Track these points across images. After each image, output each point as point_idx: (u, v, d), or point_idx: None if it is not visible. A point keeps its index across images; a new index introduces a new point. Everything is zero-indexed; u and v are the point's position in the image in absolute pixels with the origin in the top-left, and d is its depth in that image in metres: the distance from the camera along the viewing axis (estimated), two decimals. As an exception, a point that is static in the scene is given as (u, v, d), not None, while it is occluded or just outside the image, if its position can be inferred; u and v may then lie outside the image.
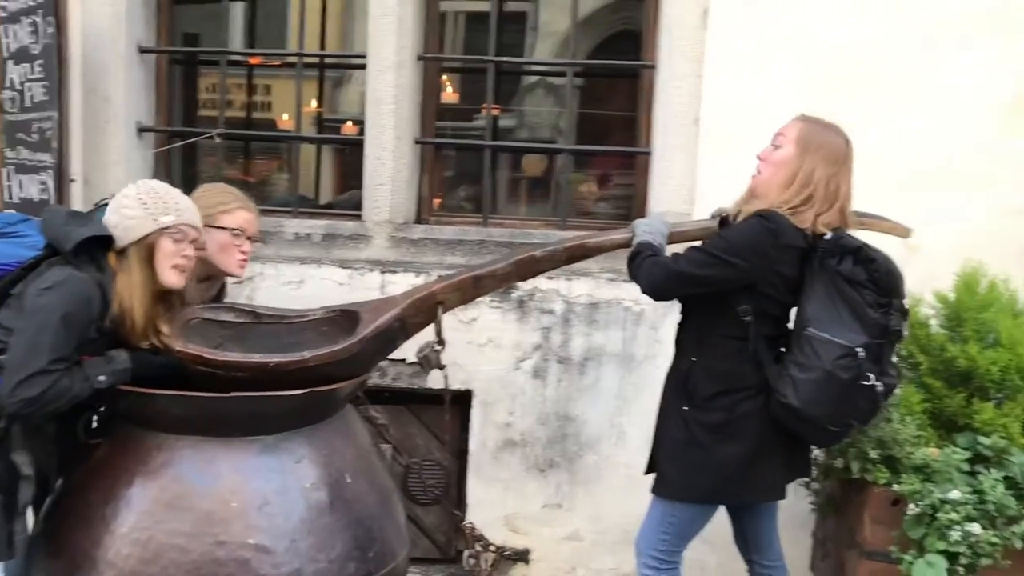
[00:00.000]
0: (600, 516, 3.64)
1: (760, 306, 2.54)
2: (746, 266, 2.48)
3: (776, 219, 2.48)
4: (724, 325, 2.56)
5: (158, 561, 2.21)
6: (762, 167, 2.62)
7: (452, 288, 2.77)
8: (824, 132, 2.59)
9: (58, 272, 2.28)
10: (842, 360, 2.41)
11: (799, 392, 2.44)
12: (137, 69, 3.92)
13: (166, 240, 2.38)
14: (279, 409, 2.38)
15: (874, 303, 2.47)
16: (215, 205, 2.74)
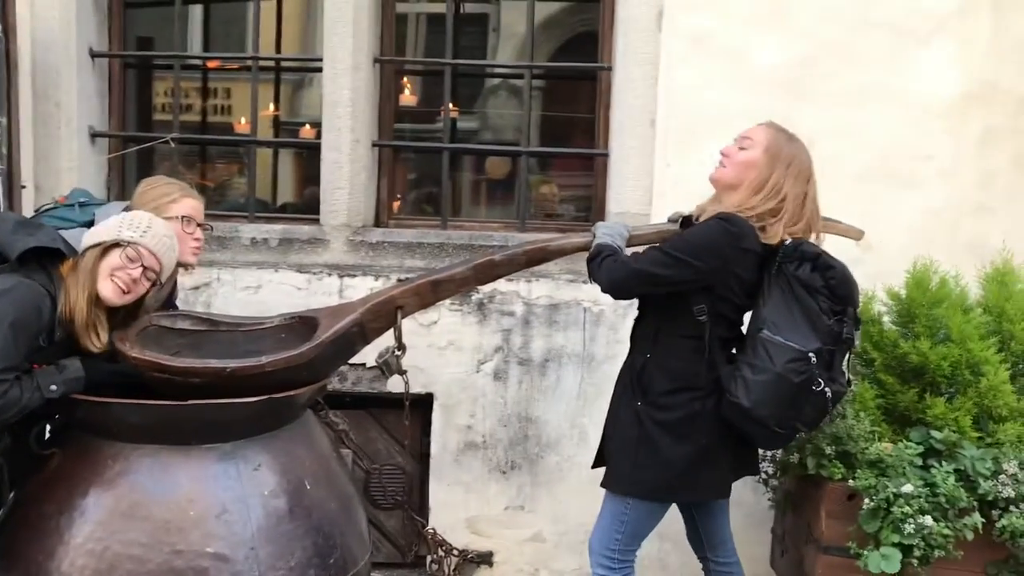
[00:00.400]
0: (562, 517, 3.66)
1: (716, 308, 2.57)
2: (704, 267, 2.51)
3: (737, 222, 2.51)
4: (680, 324, 2.59)
5: (114, 572, 2.18)
6: (726, 163, 2.64)
7: (411, 293, 2.77)
8: (791, 145, 2.63)
9: (5, 280, 2.25)
10: (793, 364, 2.45)
11: (750, 393, 2.47)
12: (89, 74, 3.87)
13: (117, 252, 2.36)
14: (237, 416, 2.37)
15: (828, 310, 2.51)
16: (160, 197, 2.73)
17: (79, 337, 2.34)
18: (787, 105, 3.47)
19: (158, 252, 2.41)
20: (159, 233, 2.44)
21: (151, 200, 2.68)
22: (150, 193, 2.74)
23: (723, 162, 2.65)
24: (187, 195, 2.80)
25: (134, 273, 2.37)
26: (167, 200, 2.73)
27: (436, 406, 3.68)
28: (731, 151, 2.64)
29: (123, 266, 2.35)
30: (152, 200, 2.69)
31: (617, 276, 2.57)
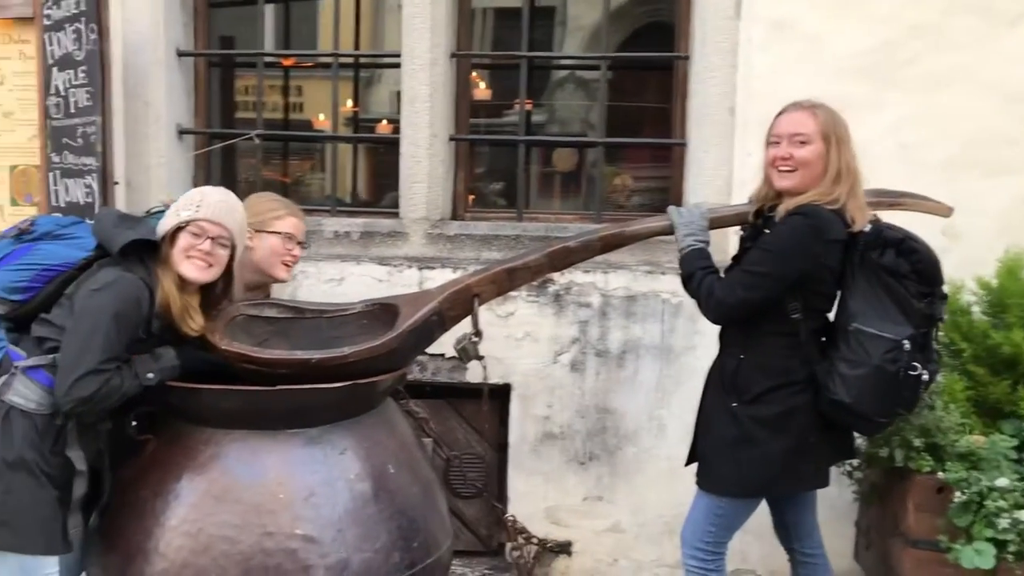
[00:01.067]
0: (641, 508, 3.65)
1: (809, 302, 2.53)
2: (795, 273, 2.48)
3: (817, 215, 2.46)
4: (773, 323, 2.55)
5: (208, 552, 2.26)
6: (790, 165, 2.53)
7: (487, 281, 2.79)
8: (835, 115, 2.56)
9: (108, 273, 2.34)
10: (889, 354, 2.41)
11: (849, 388, 2.43)
12: (176, 73, 3.99)
13: (184, 235, 2.43)
14: (322, 402, 2.42)
15: (917, 293, 2.47)
16: (266, 211, 2.84)
17: (177, 324, 2.42)
18: (870, 91, 3.42)
19: (217, 219, 2.46)
20: (212, 201, 2.49)
21: (257, 213, 2.79)
22: (258, 207, 2.85)
23: (785, 166, 2.55)
24: (292, 214, 2.92)
25: (204, 246, 2.43)
26: (272, 216, 2.85)
27: (514, 396, 3.70)
28: (789, 152, 2.53)
29: (192, 244, 2.43)
30: (258, 214, 2.80)
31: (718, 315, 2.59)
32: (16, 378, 2.30)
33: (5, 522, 2.25)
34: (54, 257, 2.45)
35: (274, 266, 2.87)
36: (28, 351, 2.35)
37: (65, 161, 3.57)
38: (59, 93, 3.56)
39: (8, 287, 2.39)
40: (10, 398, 2.28)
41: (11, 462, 2.25)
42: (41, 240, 2.48)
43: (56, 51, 3.56)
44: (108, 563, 2.40)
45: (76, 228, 2.54)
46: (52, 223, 2.55)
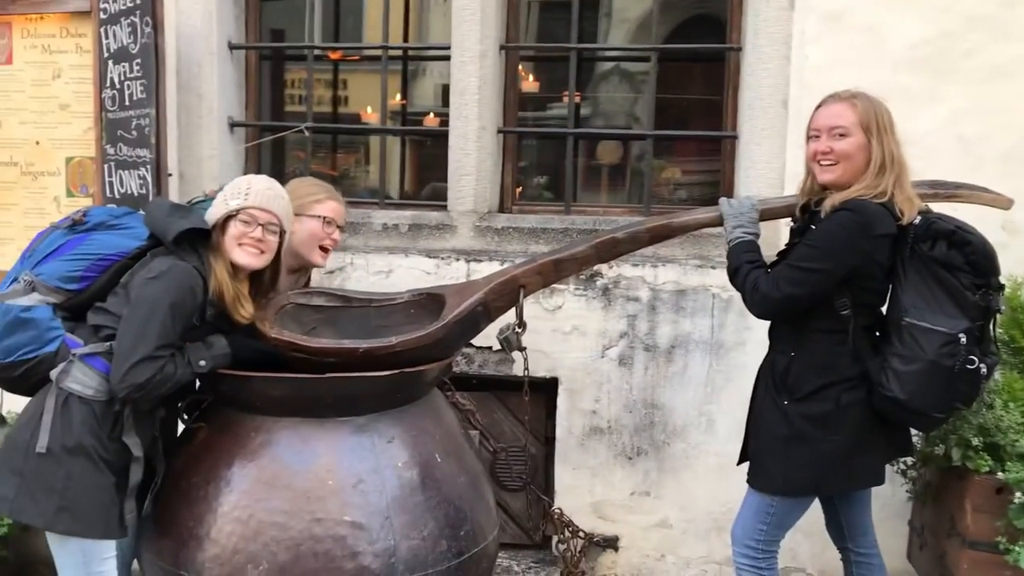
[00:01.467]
0: (689, 504, 3.61)
1: (859, 297, 2.48)
2: (842, 269, 2.43)
3: (864, 209, 2.41)
4: (822, 320, 2.51)
5: (259, 538, 2.28)
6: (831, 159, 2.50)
7: (533, 272, 2.79)
8: (879, 105, 2.50)
9: (163, 262, 2.37)
10: (945, 348, 2.35)
11: (903, 384, 2.38)
12: (228, 65, 4.03)
13: (234, 222, 2.47)
14: (370, 390, 2.44)
15: (972, 285, 2.39)
16: (306, 195, 2.84)
17: (229, 311, 2.45)
18: (927, 83, 3.36)
19: (267, 206, 2.49)
20: (260, 188, 2.52)
21: (298, 197, 2.79)
22: (298, 191, 2.85)
23: (826, 160, 2.51)
24: (332, 198, 2.92)
25: (255, 233, 2.47)
26: (312, 199, 2.85)
27: (561, 390, 3.68)
28: (829, 146, 2.49)
29: (243, 232, 2.46)
30: (299, 197, 2.80)
31: (764, 310, 2.56)
32: (74, 365, 2.33)
33: (66, 507, 2.28)
34: (108, 247, 2.49)
35: (312, 251, 2.87)
36: (84, 339, 2.39)
37: (120, 153, 3.62)
38: (114, 86, 3.62)
39: (63, 276, 2.42)
40: (68, 385, 2.32)
41: (71, 448, 2.29)
42: (95, 230, 2.51)
43: (112, 44, 3.61)
44: (161, 548, 2.43)
45: (129, 218, 2.57)
46: (105, 213, 2.58)
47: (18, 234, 3.83)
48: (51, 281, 2.41)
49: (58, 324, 2.39)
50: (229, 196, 2.49)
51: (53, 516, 2.28)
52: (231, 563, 2.29)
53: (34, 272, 2.41)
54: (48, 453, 2.28)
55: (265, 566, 2.27)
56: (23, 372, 2.36)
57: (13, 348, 2.34)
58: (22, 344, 2.34)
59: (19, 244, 3.18)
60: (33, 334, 2.34)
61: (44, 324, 2.36)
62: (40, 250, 2.48)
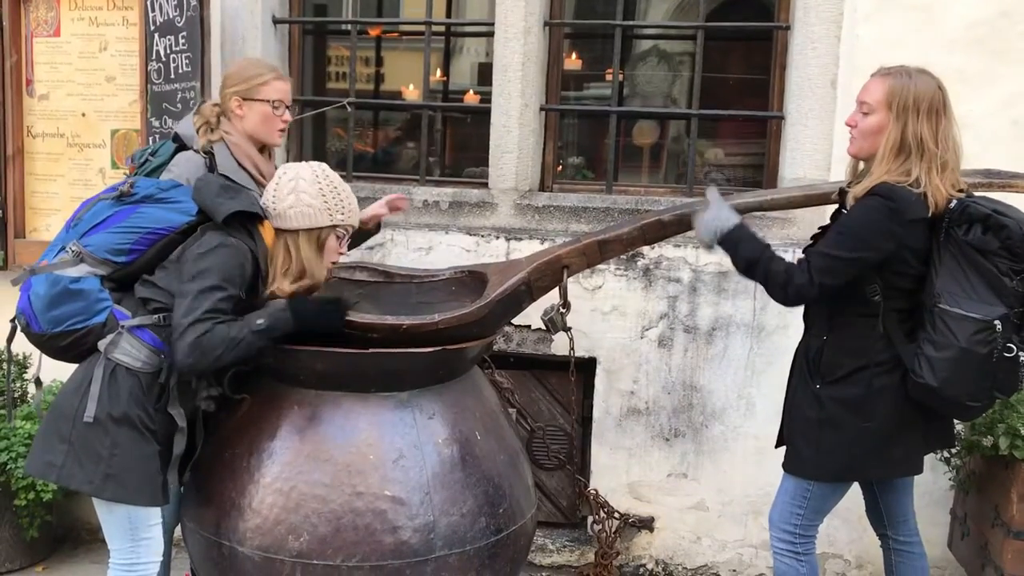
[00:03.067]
0: (726, 487, 3.59)
1: (890, 282, 2.43)
2: (876, 256, 2.38)
3: (895, 194, 2.35)
4: (852, 303, 2.47)
5: (300, 510, 2.30)
6: (855, 135, 2.47)
7: (578, 252, 2.77)
8: (913, 83, 2.40)
9: (213, 237, 2.38)
10: (979, 335, 2.29)
11: (936, 371, 2.33)
12: (272, 40, 4.03)
13: (334, 238, 2.49)
14: (413, 366, 2.44)
15: (1008, 271, 2.32)
16: (252, 78, 2.78)
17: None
18: (983, 64, 3.28)
19: (356, 222, 2.57)
20: (354, 204, 2.55)
21: (244, 80, 2.74)
22: (241, 73, 2.80)
23: (852, 134, 2.48)
24: (278, 77, 2.83)
25: (344, 247, 2.54)
26: (258, 82, 2.77)
27: (599, 370, 3.67)
28: (855, 120, 2.47)
29: (340, 247, 2.53)
30: (245, 80, 2.75)
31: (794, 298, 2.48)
32: (122, 337, 2.36)
33: (113, 475, 2.31)
34: (157, 221, 2.49)
35: (270, 134, 2.81)
36: (132, 311, 2.41)
37: (164, 125, 3.65)
38: (160, 59, 3.64)
39: (112, 249, 2.43)
40: (116, 356, 2.34)
41: (117, 418, 2.32)
42: (143, 203, 2.51)
43: (158, 17, 3.63)
44: (203, 516, 2.46)
45: (176, 192, 2.57)
46: (152, 186, 2.57)
47: (64, 205, 3.88)
48: (99, 253, 2.42)
49: (106, 295, 2.40)
50: (333, 208, 2.47)
51: (101, 483, 2.31)
52: (272, 533, 2.32)
53: (82, 243, 2.42)
54: (95, 422, 2.30)
55: (306, 537, 2.30)
56: (71, 342, 2.38)
57: (63, 318, 2.36)
58: (71, 314, 2.36)
59: (65, 215, 3.21)
60: (82, 305, 2.36)
61: (93, 295, 2.37)
62: (87, 220, 2.48)
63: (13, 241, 3.92)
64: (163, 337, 2.36)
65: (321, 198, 2.46)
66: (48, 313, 2.35)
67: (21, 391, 3.74)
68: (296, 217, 2.45)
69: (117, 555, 2.45)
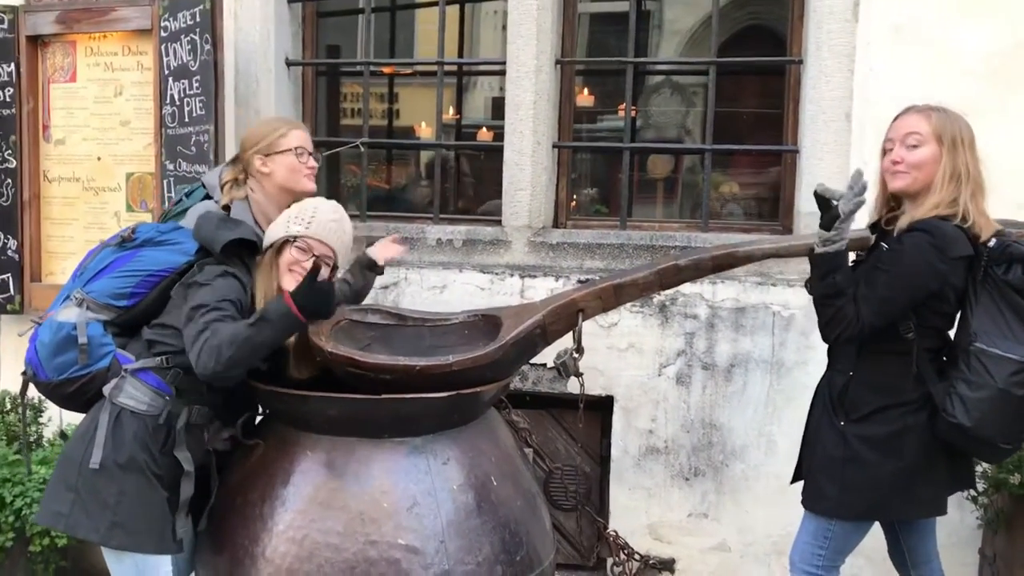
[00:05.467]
0: (748, 527, 3.53)
1: (926, 320, 2.40)
2: (923, 293, 2.35)
3: (940, 231, 2.33)
4: (883, 340, 2.42)
5: (313, 559, 2.25)
6: (903, 169, 2.44)
7: (593, 296, 2.73)
8: (954, 118, 2.44)
9: (212, 269, 2.38)
10: (1016, 376, 2.26)
11: (970, 411, 2.29)
12: (285, 81, 4.06)
13: (291, 248, 2.45)
14: (427, 411, 2.40)
15: None
16: (271, 134, 2.77)
17: None
18: (996, 97, 3.26)
19: (327, 239, 2.48)
20: (324, 220, 2.49)
21: (263, 137, 2.73)
22: (260, 132, 2.79)
23: (898, 169, 2.45)
24: (295, 127, 2.83)
25: (308, 264, 2.40)
26: (277, 136, 2.76)
27: (616, 408, 3.63)
28: (902, 155, 2.44)
29: (297, 260, 2.44)
30: (264, 137, 2.73)
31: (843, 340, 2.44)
32: (126, 381, 2.35)
33: (119, 523, 2.29)
34: (157, 263, 2.49)
35: (299, 181, 2.78)
36: (137, 354, 2.40)
37: (179, 169, 3.66)
38: (174, 102, 3.67)
39: (113, 293, 2.44)
40: (121, 400, 2.33)
41: (123, 464, 2.30)
42: (143, 247, 2.52)
43: (172, 62, 3.66)
44: (216, 564, 2.42)
45: (177, 234, 2.58)
46: (153, 230, 2.58)
47: (79, 248, 3.90)
48: (101, 298, 2.42)
49: (109, 340, 2.40)
50: (292, 220, 2.48)
51: (107, 531, 2.29)
52: (285, 583, 2.28)
53: (85, 290, 2.43)
54: (101, 468, 2.28)
55: (319, 587, 2.25)
56: (76, 389, 2.38)
57: (65, 365, 2.36)
58: (74, 361, 2.36)
59: (80, 258, 3.22)
60: (86, 351, 2.35)
61: (96, 341, 2.37)
62: (91, 268, 2.50)
63: (29, 285, 3.94)
64: (167, 379, 2.35)
65: (286, 215, 2.48)
66: (52, 361, 2.36)
67: (36, 435, 3.73)
68: (267, 239, 2.47)
69: None
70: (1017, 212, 2.60)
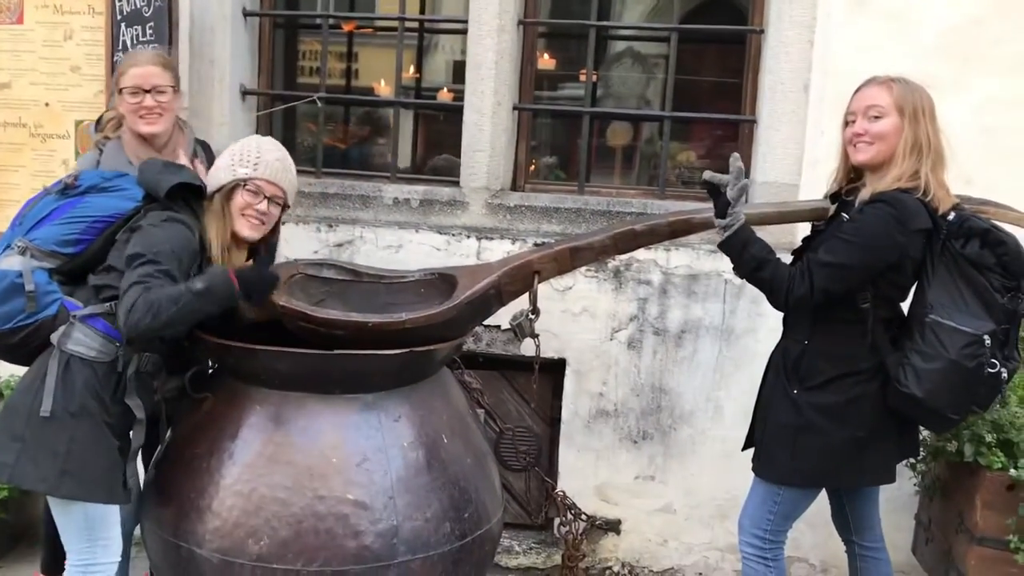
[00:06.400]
0: (694, 490, 3.59)
1: (881, 291, 2.43)
2: (882, 264, 2.38)
3: (900, 203, 2.35)
4: (838, 309, 2.45)
5: (260, 513, 2.26)
6: (866, 141, 2.45)
7: (549, 258, 2.74)
8: (918, 90, 2.44)
9: (157, 215, 2.36)
10: (968, 348, 2.29)
11: (922, 382, 2.33)
12: (241, 33, 3.97)
13: (241, 192, 2.44)
14: (379, 368, 2.40)
15: (1001, 287, 2.33)
16: (118, 71, 2.77)
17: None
18: (955, 71, 3.29)
19: (275, 179, 2.48)
20: (270, 160, 2.49)
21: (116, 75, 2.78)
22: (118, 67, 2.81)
23: (860, 141, 2.46)
24: (133, 64, 2.81)
25: (261, 206, 2.46)
26: (119, 73, 2.78)
27: (568, 372, 3.65)
28: (865, 127, 2.45)
29: (248, 203, 2.44)
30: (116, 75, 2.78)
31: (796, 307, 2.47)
32: (75, 327, 2.31)
33: (69, 471, 2.26)
34: (104, 209, 2.45)
35: (135, 123, 2.78)
36: (84, 301, 2.37)
37: (130, 117, 3.57)
38: (126, 49, 3.57)
39: (59, 240, 2.40)
40: (70, 347, 2.29)
41: (74, 411, 2.27)
42: (87, 194, 2.47)
43: (125, 7, 3.56)
44: (161, 517, 2.41)
45: (122, 180, 2.53)
46: (97, 176, 2.54)
47: (24, 196, 3.71)
48: (46, 246, 2.38)
49: (55, 288, 2.36)
50: (237, 163, 2.46)
51: (56, 480, 2.26)
52: (231, 536, 2.27)
53: (28, 237, 2.39)
54: (52, 417, 2.25)
55: (266, 541, 2.25)
56: (22, 338, 2.33)
57: (11, 314, 2.31)
58: (19, 309, 2.31)
59: (25, 207, 3.15)
60: (33, 299, 2.31)
61: (42, 288, 2.33)
62: (32, 215, 2.45)
63: (-28, 232, 3.83)
64: (116, 325, 2.30)
65: (230, 156, 2.47)
66: None
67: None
68: (211, 183, 2.46)
69: (74, 556, 2.39)
70: (966, 187, 2.63)
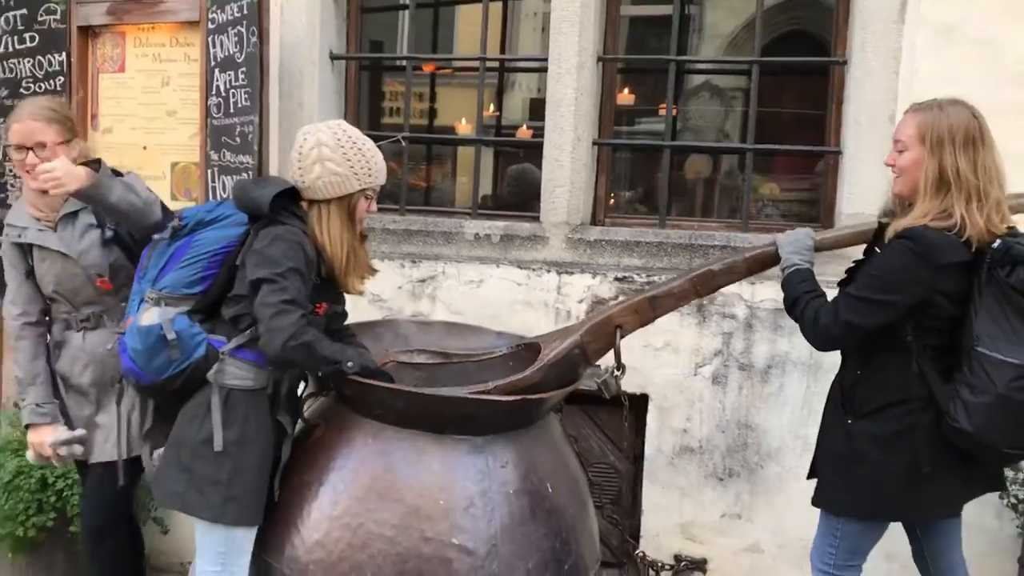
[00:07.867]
0: (782, 529, 3.53)
1: (923, 324, 2.39)
2: (904, 301, 2.35)
3: (923, 239, 2.31)
4: (886, 340, 2.43)
5: (366, 549, 2.28)
6: (895, 175, 2.46)
7: (629, 311, 2.74)
8: (945, 115, 2.37)
9: (267, 232, 2.38)
10: (1017, 382, 2.24)
11: (972, 416, 2.28)
12: (329, 75, 4.08)
13: (363, 200, 2.51)
14: (491, 412, 2.42)
15: None
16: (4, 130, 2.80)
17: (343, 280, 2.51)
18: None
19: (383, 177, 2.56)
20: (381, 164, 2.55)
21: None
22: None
23: (893, 173, 2.47)
24: (13, 119, 2.80)
25: (373, 207, 2.56)
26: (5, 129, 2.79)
27: (651, 407, 3.64)
28: (893, 159, 2.45)
29: (369, 207, 2.54)
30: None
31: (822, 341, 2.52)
32: (226, 363, 2.40)
33: (234, 497, 2.34)
34: (216, 242, 2.53)
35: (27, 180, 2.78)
36: (226, 335, 2.44)
37: (223, 159, 3.70)
38: (220, 93, 3.70)
39: (186, 282, 2.48)
40: (228, 382, 2.39)
41: (236, 441, 2.36)
42: (195, 232, 2.55)
43: (219, 53, 3.69)
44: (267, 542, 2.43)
45: (222, 208, 2.60)
46: (199, 212, 2.61)
47: (124, 236, 3.93)
48: (176, 291, 2.47)
49: (199, 329, 2.44)
50: (361, 172, 2.46)
51: (221, 508, 2.35)
52: (335, 569, 2.30)
53: (157, 287, 2.48)
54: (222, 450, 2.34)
55: (369, 576, 2.27)
56: (182, 383, 2.42)
57: (164, 366, 2.39)
58: (172, 360, 2.39)
59: (125, 245, 3.27)
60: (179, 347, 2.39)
61: (185, 333, 2.40)
62: (152, 266, 2.54)
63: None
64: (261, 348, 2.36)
65: (347, 164, 2.45)
66: (151, 364, 2.39)
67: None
68: (325, 188, 2.45)
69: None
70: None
